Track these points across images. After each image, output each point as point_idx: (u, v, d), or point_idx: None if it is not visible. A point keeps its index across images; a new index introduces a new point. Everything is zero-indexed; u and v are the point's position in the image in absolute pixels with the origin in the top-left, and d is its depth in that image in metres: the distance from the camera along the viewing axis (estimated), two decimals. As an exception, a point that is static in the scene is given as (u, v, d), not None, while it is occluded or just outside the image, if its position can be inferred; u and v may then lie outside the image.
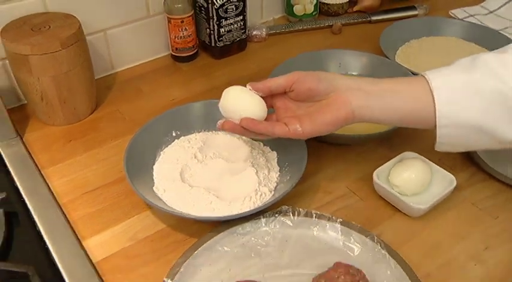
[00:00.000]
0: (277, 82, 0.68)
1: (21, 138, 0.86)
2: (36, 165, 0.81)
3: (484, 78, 0.61)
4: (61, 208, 0.74)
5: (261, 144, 0.80)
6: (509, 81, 0.60)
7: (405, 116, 0.66)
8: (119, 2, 0.96)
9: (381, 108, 0.65)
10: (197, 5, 1.01)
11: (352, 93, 0.65)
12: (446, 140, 0.65)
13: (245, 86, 0.69)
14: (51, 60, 0.80)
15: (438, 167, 0.73)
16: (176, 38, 1.01)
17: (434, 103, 0.63)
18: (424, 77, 0.64)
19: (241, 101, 0.68)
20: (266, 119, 0.68)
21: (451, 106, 0.62)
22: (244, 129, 0.67)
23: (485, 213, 0.72)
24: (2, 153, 0.82)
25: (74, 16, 0.86)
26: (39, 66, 0.80)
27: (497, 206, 0.73)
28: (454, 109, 0.62)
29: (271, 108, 0.70)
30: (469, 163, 0.79)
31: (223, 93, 0.70)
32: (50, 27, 0.82)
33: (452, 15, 1.19)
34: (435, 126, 0.64)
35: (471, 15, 1.18)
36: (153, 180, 0.75)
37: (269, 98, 0.70)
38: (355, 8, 1.22)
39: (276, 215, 0.69)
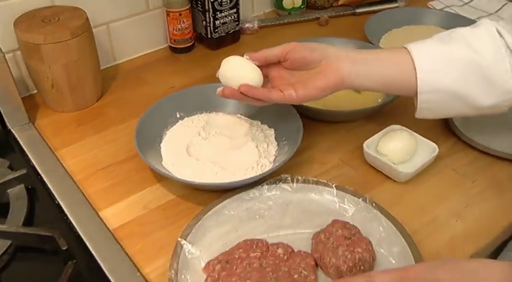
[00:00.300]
0: (273, 52, 0.75)
1: (33, 124, 0.92)
2: (49, 147, 0.87)
3: (459, 49, 0.69)
4: (76, 184, 0.80)
5: (259, 122, 0.87)
6: (481, 51, 0.68)
7: (389, 82, 0.73)
8: (120, -3, 1.02)
9: (367, 75, 0.73)
10: (193, -1, 1.08)
11: (341, 61, 0.72)
12: (426, 105, 0.73)
13: (243, 56, 0.75)
14: (62, 49, 0.86)
15: (422, 137, 0.81)
16: (174, 30, 1.08)
17: (415, 70, 0.70)
18: (405, 48, 0.72)
19: (239, 69, 0.75)
20: (262, 87, 0.75)
21: (430, 73, 0.70)
22: (242, 94, 0.73)
23: (464, 178, 0.80)
24: (17, 137, 0.88)
25: (81, 8, 0.92)
26: (51, 55, 0.86)
27: (475, 171, 0.81)
28: (433, 76, 0.70)
29: (266, 78, 0.77)
30: (449, 135, 0.87)
31: (223, 62, 0.76)
32: (59, 18, 0.88)
33: (431, 7, 1.28)
34: (416, 92, 0.71)
35: (448, 7, 1.27)
36: (161, 156, 0.82)
37: (264, 68, 0.76)
38: (341, 2, 1.30)
39: (277, 183, 0.75)
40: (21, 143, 0.87)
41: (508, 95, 0.70)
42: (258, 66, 0.75)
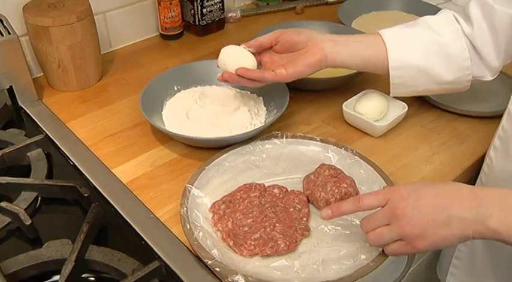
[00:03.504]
0: (265, 38, 0.86)
1: (42, 102, 1.00)
2: (59, 119, 0.95)
3: (422, 31, 0.83)
4: (88, 148, 0.88)
5: (249, 92, 0.97)
6: (441, 33, 0.81)
7: (365, 60, 0.85)
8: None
9: (347, 54, 0.84)
10: (182, -11, 1.18)
11: (325, 42, 0.84)
12: (398, 80, 0.84)
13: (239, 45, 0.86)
14: (69, 31, 0.95)
15: (393, 98, 0.92)
16: (165, 19, 1.18)
17: (386, 49, 0.82)
18: (378, 33, 0.84)
19: (236, 56, 0.85)
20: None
21: (398, 51, 0.82)
22: (239, 77, 0.83)
23: (431, 132, 0.92)
24: (28, 112, 0.96)
25: (83, -5, 1.01)
26: (58, 37, 0.95)
27: (440, 126, 0.93)
28: (401, 53, 0.82)
29: (259, 64, 0.87)
30: (417, 99, 0.98)
31: (221, 51, 0.87)
32: (64, 4, 0.97)
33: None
34: (388, 69, 0.83)
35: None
36: (163, 122, 0.91)
37: (257, 55, 0.87)
38: (314, -7, 1.42)
39: (269, 138, 0.86)
40: (33, 116, 0.95)
41: (466, 70, 0.82)
42: (253, 54, 0.86)
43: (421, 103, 0.98)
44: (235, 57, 0.85)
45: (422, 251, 0.62)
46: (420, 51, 0.82)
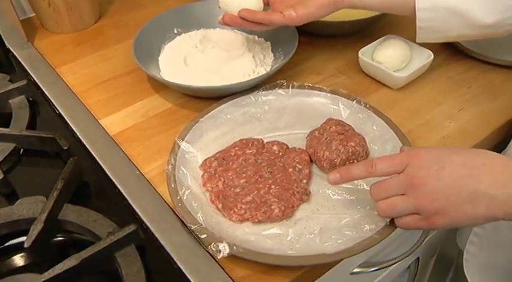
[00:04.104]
0: None
1: (32, 44, 0.93)
2: (48, 64, 0.88)
3: None
4: (77, 96, 0.81)
5: (256, 36, 0.87)
6: None
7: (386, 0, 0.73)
8: None
9: None
10: None
11: None
12: (426, 24, 0.72)
13: None
14: (58, -35, 0.86)
15: (417, 45, 0.81)
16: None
17: None
18: None
19: None
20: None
21: None
22: (242, 19, 0.73)
23: (459, 84, 0.80)
24: (16, 55, 0.89)
25: None
26: (47, -29, 0.86)
27: (470, 78, 0.82)
28: None
29: (266, 5, 0.77)
30: (446, 46, 0.87)
31: None
32: None
33: None
34: (414, 10, 0.71)
35: None
36: (159, 68, 0.83)
37: None
38: None
39: (273, 88, 0.76)
40: (20, 60, 0.88)
41: (510, 11, 0.68)
42: None
43: (450, 51, 0.86)
44: None
45: (439, 228, 0.54)
46: None
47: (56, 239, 0.62)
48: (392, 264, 0.74)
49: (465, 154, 0.53)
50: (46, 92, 0.81)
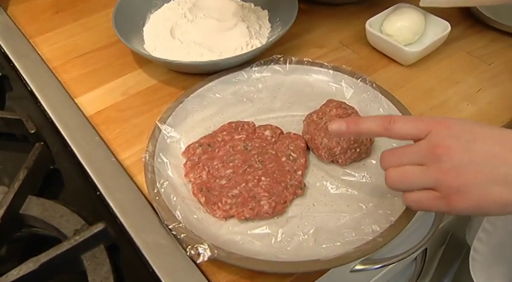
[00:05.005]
0: None
1: (5, 11, 0.84)
2: (23, 34, 0.80)
3: None
4: (52, 71, 0.73)
5: (252, 4, 0.79)
6: None
7: None
8: None
9: None
10: None
11: None
12: None
13: None
14: None
15: (432, 15, 0.72)
16: None
17: None
18: None
19: None
20: None
21: None
22: None
23: (479, 60, 0.71)
24: (-13, 23, 0.81)
25: None
26: None
27: (492, 53, 0.72)
28: None
29: None
30: (465, 16, 0.77)
31: None
32: None
33: None
34: None
35: None
36: (143, 40, 0.74)
37: None
38: None
39: (268, 64, 0.68)
40: (-10, 29, 0.80)
41: None
42: None
43: (469, 22, 0.77)
44: None
45: (457, 212, 0.44)
46: None
47: (19, 234, 0.55)
48: (398, 260, 0.67)
49: (500, 131, 0.44)
50: (18, 67, 0.73)
